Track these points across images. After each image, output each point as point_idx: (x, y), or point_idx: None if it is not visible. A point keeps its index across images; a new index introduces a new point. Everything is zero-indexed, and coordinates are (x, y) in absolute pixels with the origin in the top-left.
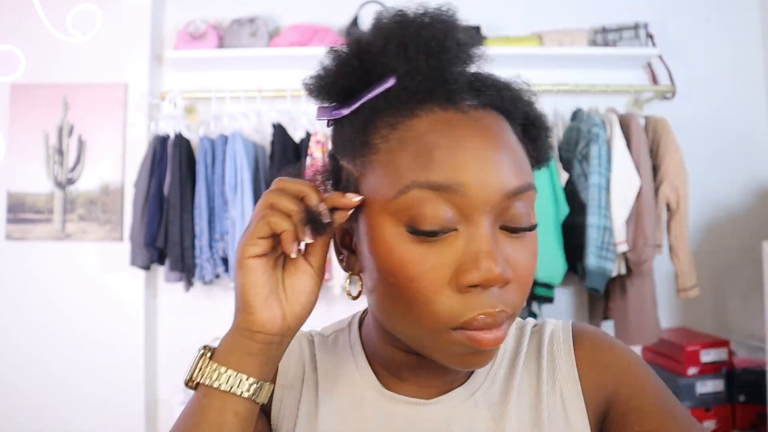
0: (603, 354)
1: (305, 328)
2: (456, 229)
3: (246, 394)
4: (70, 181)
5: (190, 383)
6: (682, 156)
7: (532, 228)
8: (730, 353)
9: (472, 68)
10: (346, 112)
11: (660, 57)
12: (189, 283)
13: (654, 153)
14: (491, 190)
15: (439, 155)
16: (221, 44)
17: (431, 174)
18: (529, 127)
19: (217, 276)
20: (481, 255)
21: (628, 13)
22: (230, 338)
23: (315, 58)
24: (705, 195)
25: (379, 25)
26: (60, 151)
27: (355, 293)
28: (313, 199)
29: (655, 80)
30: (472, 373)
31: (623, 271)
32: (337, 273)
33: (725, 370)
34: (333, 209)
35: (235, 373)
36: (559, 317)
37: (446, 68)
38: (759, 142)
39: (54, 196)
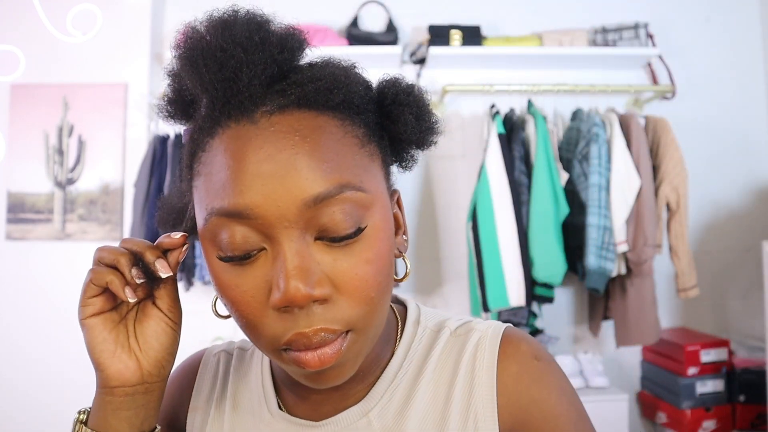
0: (526, 388)
1: None
2: (265, 249)
3: None
4: (70, 181)
5: None
6: (682, 156)
7: (357, 233)
8: (730, 353)
9: (304, 65)
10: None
11: (660, 57)
12: (189, 283)
13: (654, 153)
14: (283, 205)
15: (225, 178)
16: None
17: (222, 200)
18: (389, 109)
19: None
20: (283, 275)
21: (628, 13)
22: (96, 399)
23: (314, 58)
24: (705, 195)
25: (178, 45)
26: (60, 151)
27: (224, 313)
28: (145, 256)
29: (655, 80)
30: (372, 386)
31: (623, 271)
32: None
33: (725, 370)
34: (167, 250)
35: None
36: (559, 317)
37: (237, 77)
38: (759, 142)
39: (54, 196)
